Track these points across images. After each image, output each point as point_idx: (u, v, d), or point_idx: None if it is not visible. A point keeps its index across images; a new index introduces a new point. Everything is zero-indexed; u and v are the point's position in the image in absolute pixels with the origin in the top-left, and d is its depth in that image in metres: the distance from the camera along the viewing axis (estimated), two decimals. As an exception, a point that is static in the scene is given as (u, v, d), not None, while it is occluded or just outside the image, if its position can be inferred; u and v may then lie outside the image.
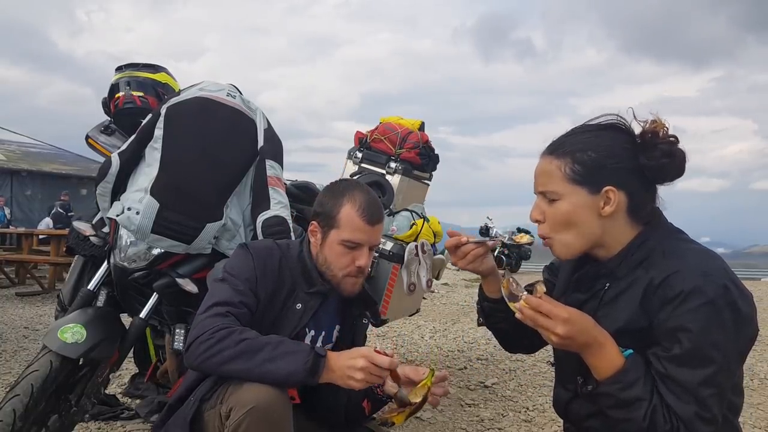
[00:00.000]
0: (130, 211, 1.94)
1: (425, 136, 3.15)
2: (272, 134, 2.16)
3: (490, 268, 1.42)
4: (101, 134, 2.51)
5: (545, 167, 1.24)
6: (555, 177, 1.21)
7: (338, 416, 1.61)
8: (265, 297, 1.50)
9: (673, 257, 1.16)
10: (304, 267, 1.58)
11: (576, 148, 1.21)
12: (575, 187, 1.20)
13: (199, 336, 1.35)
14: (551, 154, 1.23)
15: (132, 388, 2.89)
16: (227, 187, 2.04)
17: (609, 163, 1.20)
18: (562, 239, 1.24)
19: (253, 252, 1.55)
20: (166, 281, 2.04)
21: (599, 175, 1.19)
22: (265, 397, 1.28)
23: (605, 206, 1.19)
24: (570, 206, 1.20)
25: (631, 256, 1.21)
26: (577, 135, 1.25)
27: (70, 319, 1.97)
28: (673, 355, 1.10)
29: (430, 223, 2.88)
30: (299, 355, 1.31)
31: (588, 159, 1.20)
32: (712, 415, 1.09)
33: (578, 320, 1.12)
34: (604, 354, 1.12)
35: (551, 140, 1.27)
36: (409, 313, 3.35)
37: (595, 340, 1.12)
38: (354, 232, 1.53)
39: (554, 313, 1.11)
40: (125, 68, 2.56)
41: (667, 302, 1.11)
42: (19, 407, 1.75)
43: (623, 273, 1.21)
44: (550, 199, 1.22)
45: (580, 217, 1.20)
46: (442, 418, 2.97)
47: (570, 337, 1.11)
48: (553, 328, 1.11)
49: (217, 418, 1.33)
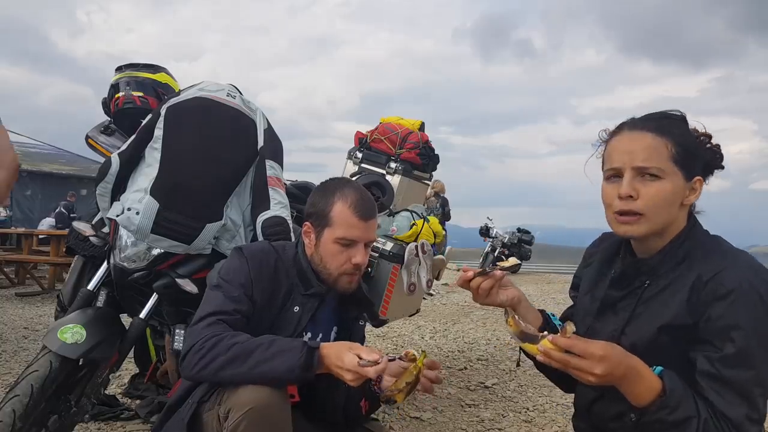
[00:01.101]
0: (130, 211, 1.94)
1: (425, 136, 3.15)
2: (272, 134, 2.16)
3: (511, 299, 1.33)
4: (101, 134, 2.51)
5: (650, 142, 1.17)
6: (662, 154, 1.16)
7: (337, 416, 1.61)
8: (262, 301, 1.49)
9: (716, 255, 1.15)
10: (301, 269, 1.58)
11: (677, 131, 1.18)
12: (676, 168, 1.16)
13: (191, 347, 1.35)
14: (655, 131, 1.17)
15: (132, 388, 2.89)
16: (227, 187, 2.04)
17: (697, 153, 1.19)
18: (651, 217, 1.16)
19: (248, 255, 1.53)
20: (165, 281, 2.04)
21: (693, 162, 1.18)
22: (263, 398, 1.28)
23: (690, 195, 1.18)
24: (671, 186, 1.16)
25: (674, 254, 1.19)
26: (670, 119, 1.21)
27: (70, 320, 1.97)
28: (725, 354, 1.07)
29: (430, 223, 2.88)
30: (292, 352, 1.31)
31: (687, 143, 1.17)
32: (759, 415, 1.08)
33: (613, 354, 1.06)
34: (643, 380, 1.07)
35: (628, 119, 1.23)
36: (409, 313, 3.35)
37: (630, 370, 1.07)
38: (348, 229, 1.52)
39: (589, 353, 1.04)
40: (125, 68, 2.56)
41: (719, 299, 1.09)
42: (19, 407, 1.75)
43: (664, 271, 1.19)
44: (652, 175, 1.15)
45: (673, 201, 1.17)
46: (442, 418, 2.96)
47: (608, 374, 1.05)
48: (591, 369, 1.04)
49: (215, 420, 1.33)
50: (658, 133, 1.17)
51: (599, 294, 1.32)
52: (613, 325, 1.24)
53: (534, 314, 1.38)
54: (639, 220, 1.17)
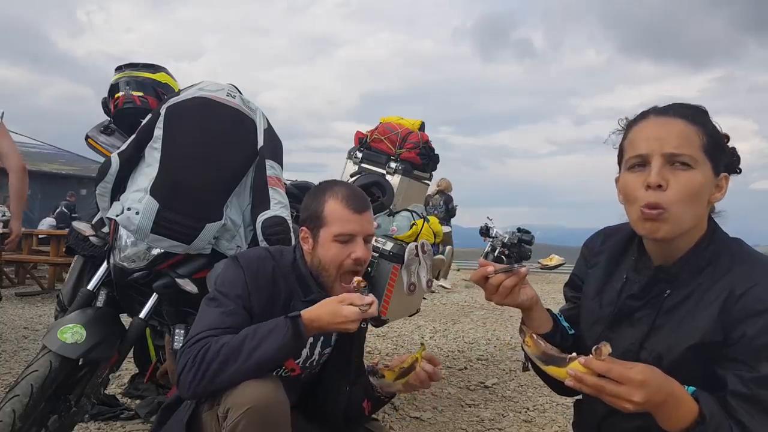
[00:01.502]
0: (129, 211, 1.94)
1: (425, 136, 3.15)
2: (272, 134, 2.16)
3: (530, 298, 1.22)
4: (101, 134, 2.51)
5: (682, 129, 1.07)
6: (694, 142, 1.06)
7: (337, 418, 1.61)
8: (260, 310, 1.47)
9: (747, 264, 1.07)
10: (300, 275, 1.54)
11: (704, 121, 1.10)
12: (706, 160, 1.07)
13: (183, 368, 1.34)
14: (686, 118, 1.09)
15: (132, 388, 2.90)
16: (227, 187, 2.04)
17: (723, 148, 1.11)
18: (679, 213, 1.06)
19: (244, 264, 1.50)
20: (165, 281, 2.03)
21: (720, 157, 1.10)
22: (262, 398, 1.27)
23: (717, 193, 1.10)
24: (703, 178, 1.06)
25: (696, 260, 1.10)
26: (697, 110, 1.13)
27: (70, 320, 1.97)
28: (761, 375, 1.00)
29: (430, 223, 2.88)
30: (278, 329, 1.34)
31: (716, 136, 1.09)
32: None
33: (653, 380, 0.96)
34: (681, 405, 0.99)
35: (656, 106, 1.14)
36: (409, 313, 3.34)
37: (670, 396, 0.98)
38: (343, 224, 1.50)
39: (627, 378, 0.95)
40: (125, 68, 2.56)
41: (754, 315, 1.01)
42: (18, 407, 1.75)
43: (685, 279, 1.11)
44: (683, 163, 1.06)
45: (702, 196, 1.07)
46: (442, 418, 2.96)
47: (648, 401, 0.95)
48: (629, 396, 0.95)
49: (214, 419, 1.33)
50: (691, 120, 1.08)
51: (609, 299, 1.23)
52: (631, 338, 1.16)
53: (546, 316, 1.29)
54: (664, 217, 1.06)
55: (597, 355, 0.97)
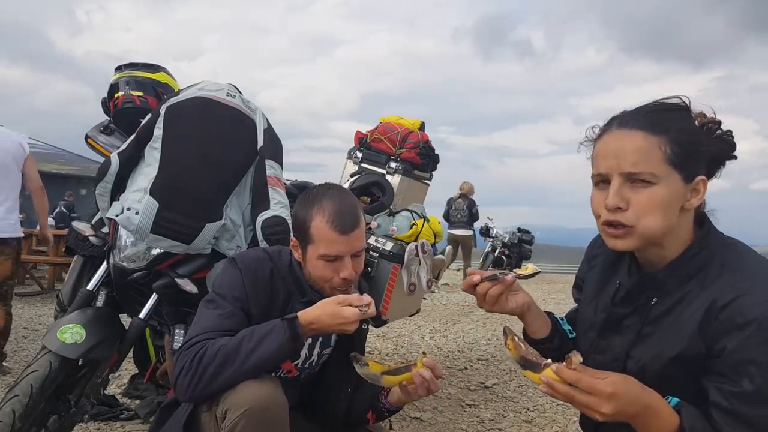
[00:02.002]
0: (129, 211, 1.94)
1: (425, 135, 3.15)
2: (272, 134, 2.16)
3: (521, 305, 1.21)
4: (101, 134, 2.51)
5: (640, 144, 1.02)
6: (654, 156, 1.01)
7: (337, 418, 1.60)
8: (259, 312, 1.46)
9: (736, 273, 1.02)
10: (295, 277, 1.54)
11: (673, 125, 1.03)
12: (673, 171, 1.02)
13: (180, 372, 1.34)
14: (646, 129, 1.03)
15: (131, 388, 2.89)
16: (227, 187, 2.04)
17: (699, 148, 1.04)
18: (644, 232, 1.03)
19: (242, 267, 1.48)
20: (165, 281, 2.03)
21: (695, 160, 1.03)
22: (260, 399, 1.27)
23: (692, 198, 1.04)
24: (667, 193, 1.01)
25: (684, 268, 1.06)
26: (667, 112, 1.07)
27: (70, 320, 1.97)
28: (743, 391, 0.96)
29: (430, 223, 2.88)
30: (275, 331, 1.34)
31: (686, 140, 1.02)
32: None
33: (625, 391, 0.95)
34: (659, 418, 0.98)
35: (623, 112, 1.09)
36: (409, 313, 3.34)
37: (647, 409, 0.97)
38: (328, 245, 1.43)
39: (597, 389, 0.94)
40: (125, 68, 2.56)
41: (736, 329, 0.97)
42: (18, 408, 1.75)
43: (673, 286, 1.07)
44: (644, 181, 1.02)
45: (671, 207, 1.03)
46: (442, 418, 2.96)
47: (618, 413, 0.95)
48: (597, 407, 0.95)
49: (212, 420, 1.33)
50: (651, 131, 1.02)
51: (603, 305, 1.21)
52: (619, 347, 1.14)
53: (543, 320, 1.28)
54: (628, 233, 1.04)
55: (568, 364, 0.97)
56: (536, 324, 1.26)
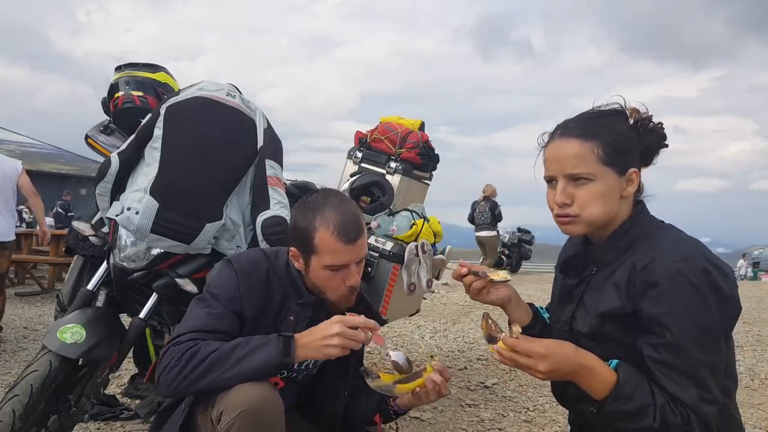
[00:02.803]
0: (129, 211, 1.94)
1: (425, 135, 3.15)
2: (272, 134, 2.16)
3: (501, 298, 1.38)
4: (101, 134, 2.51)
5: (575, 149, 1.23)
6: (588, 159, 1.21)
7: (335, 420, 1.60)
8: (253, 314, 1.45)
9: (654, 244, 1.20)
10: (292, 278, 1.52)
11: (604, 131, 1.23)
12: (607, 168, 1.21)
13: (165, 366, 1.34)
14: (580, 137, 1.23)
15: (131, 388, 2.89)
16: (227, 186, 2.04)
17: (630, 146, 1.24)
18: (587, 218, 1.23)
19: (238, 268, 1.47)
20: (165, 281, 2.03)
21: (625, 157, 1.23)
22: (256, 400, 1.27)
23: (628, 186, 1.24)
24: (604, 187, 1.21)
25: (618, 242, 1.24)
26: (598, 119, 1.26)
27: (70, 320, 1.97)
28: (666, 341, 1.12)
29: (430, 223, 2.88)
30: (269, 344, 1.33)
31: (615, 141, 1.22)
32: (713, 395, 1.12)
33: (557, 352, 1.14)
34: (594, 375, 1.14)
35: (563, 122, 1.29)
36: (409, 313, 3.34)
37: (581, 367, 1.14)
38: (335, 255, 1.42)
39: (531, 351, 1.13)
40: (125, 68, 2.56)
41: (649, 288, 1.14)
42: (18, 407, 1.75)
43: (611, 258, 1.25)
44: (583, 179, 1.22)
45: (609, 198, 1.22)
46: (442, 418, 2.96)
47: (553, 371, 1.13)
48: (535, 366, 1.13)
49: (208, 422, 1.32)
50: (584, 138, 1.22)
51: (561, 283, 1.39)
52: (569, 312, 1.31)
53: (524, 310, 1.43)
54: (576, 221, 1.24)
55: (510, 334, 1.17)
56: (517, 314, 1.42)
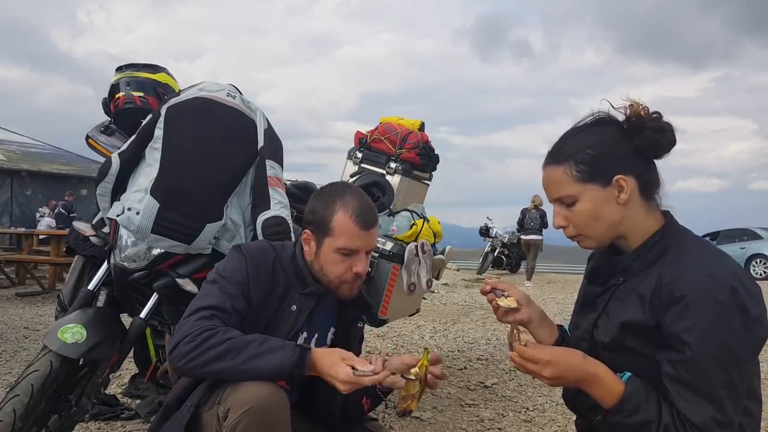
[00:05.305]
0: (130, 211, 1.94)
1: (425, 136, 3.16)
2: (272, 134, 2.16)
3: (520, 320, 1.37)
4: (101, 134, 2.51)
5: (552, 176, 1.26)
6: (564, 182, 1.24)
7: (335, 417, 1.61)
8: (258, 300, 1.49)
9: (683, 258, 1.17)
10: (297, 268, 1.57)
11: (574, 150, 1.24)
12: (587, 185, 1.22)
13: (182, 339, 1.35)
14: (553, 163, 1.26)
15: (132, 388, 2.89)
16: (227, 187, 2.04)
17: (608, 154, 1.23)
18: (590, 234, 1.25)
19: (246, 254, 1.52)
20: (166, 281, 2.04)
21: (605, 167, 1.22)
22: (262, 398, 1.28)
23: (620, 194, 1.22)
24: (589, 204, 1.22)
25: (647, 253, 1.22)
26: (569, 139, 1.28)
27: (71, 320, 1.97)
28: (685, 358, 1.10)
29: (430, 223, 2.89)
30: (285, 350, 1.33)
31: (588, 157, 1.22)
32: (728, 418, 1.09)
33: (563, 359, 1.16)
34: (602, 384, 1.15)
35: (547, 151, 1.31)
36: (409, 313, 3.35)
37: (587, 374, 1.15)
38: (349, 239, 1.49)
39: (536, 358, 1.16)
40: (125, 68, 2.56)
41: (673, 303, 1.12)
42: (19, 407, 1.75)
43: (638, 269, 1.23)
44: (568, 203, 1.25)
45: (602, 211, 1.23)
46: (442, 418, 2.97)
47: (559, 377, 1.15)
48: (540, 372, 1.16)
49: (214, 419, 1.33)
50: (556, 163, 1.25)
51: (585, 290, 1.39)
52: (591, 320, 1.30)
53: (548, 330, 1.41)
54: (583, 239, 1.27)
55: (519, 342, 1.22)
56: (540, 334, 1.40)
